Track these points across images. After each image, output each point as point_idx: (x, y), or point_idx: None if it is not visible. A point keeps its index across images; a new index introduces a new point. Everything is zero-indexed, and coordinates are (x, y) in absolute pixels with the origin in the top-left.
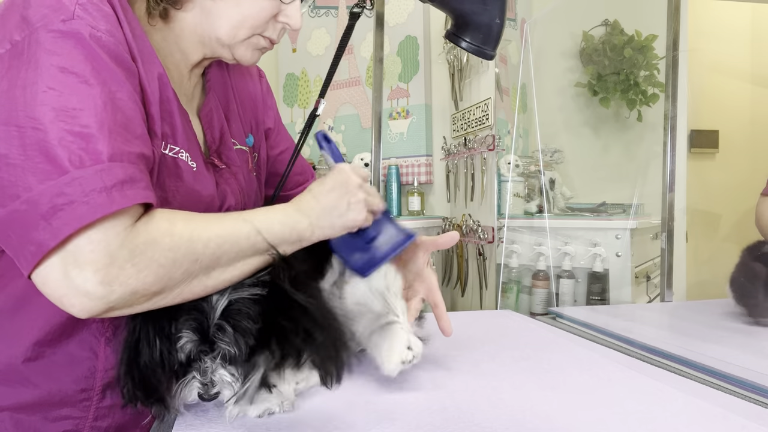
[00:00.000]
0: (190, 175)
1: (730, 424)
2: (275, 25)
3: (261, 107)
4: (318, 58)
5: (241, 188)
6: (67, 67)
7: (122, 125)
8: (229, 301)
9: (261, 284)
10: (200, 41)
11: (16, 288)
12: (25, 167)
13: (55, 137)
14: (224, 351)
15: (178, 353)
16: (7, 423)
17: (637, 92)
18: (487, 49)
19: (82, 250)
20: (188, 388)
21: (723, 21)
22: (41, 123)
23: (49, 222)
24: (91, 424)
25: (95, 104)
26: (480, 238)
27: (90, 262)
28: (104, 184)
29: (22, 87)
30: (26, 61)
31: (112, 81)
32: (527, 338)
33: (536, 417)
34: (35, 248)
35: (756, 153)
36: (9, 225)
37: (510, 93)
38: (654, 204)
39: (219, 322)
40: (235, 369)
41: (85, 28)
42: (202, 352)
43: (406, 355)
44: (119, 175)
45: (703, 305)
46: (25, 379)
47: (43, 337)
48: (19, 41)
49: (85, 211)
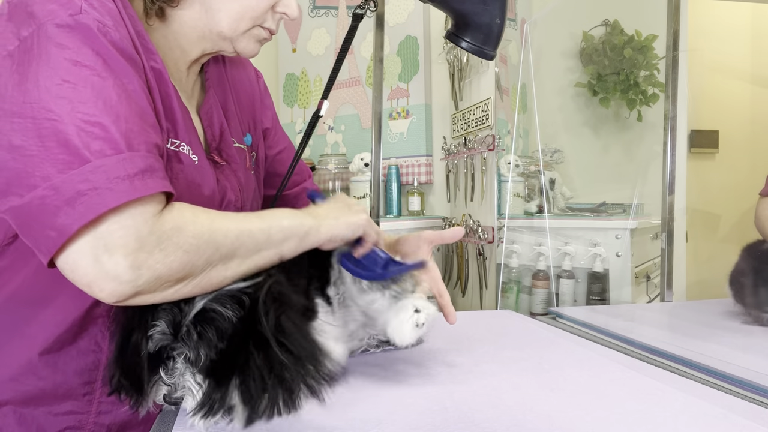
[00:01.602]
0: (191, 169)
1: (730, 424)
2: (274, 16)
3: (259, 107)
4: (318, 58)
5: (240, 185)
6: (80, 60)
7: (138, 115)
8: (203, 307)
9: (238, 300)
10: (201, 36)
11: (35, 281)
12: (44, 158)
13: (73, 129)
14: (186, 353)
15: (147, 341)
16: (10, 418)
17: (637, 92)
18: (488, 49)
19: (113, 235)
20: (157, 387)
21: (723, 21)
22: (58, 115)
23: (72, 207)
24: (94, 420)
25: (109, 96)
26: (480, 238)
27: (120, 247)
28: (127, 173)
29: (35, 81)
30: (36, 56)
31: (122, 73)
32: (527, 338)
33: (536, 417)
34: (57, 234)
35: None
36: (29, 213)
37: (510, 93)
38: (654, 204)
39: (189, 324)
40: (203, 379)
41: (93, 22)
42: (173, 349)
43: (417, 318)
44: (140, 164)
45: (703, 305)
46: (31, 371)
47: (63, 332)
48: (27, 37)
49: (110, 196)
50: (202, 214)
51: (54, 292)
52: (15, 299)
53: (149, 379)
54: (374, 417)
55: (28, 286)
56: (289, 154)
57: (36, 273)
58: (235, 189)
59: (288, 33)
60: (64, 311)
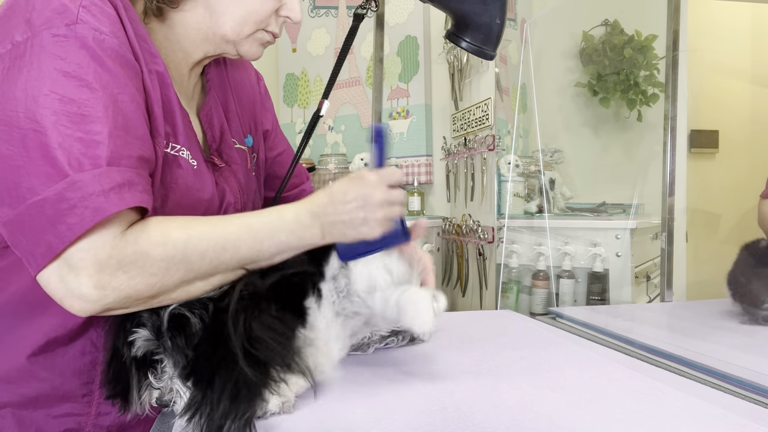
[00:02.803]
0: (190, 174)
1: (730, 424)
2: (277, 19)
3: (260, 109)
4: (318, 58)
5: (240, 186)
6: (70, 72)
7: (123, 128)
8: (173, 313)
9: (204, 306)
10: (204, 39)
11: (33, 284)
12: (29, 170)
13: (55, 141)
14: (169, 358)
15: (129, 347)
16: (9, 420)
17: (637, 92)
18: (488, 49)
19: (74, 257)
20: (150, 391)
21: (723, 21)
22: (42, 126)
23: (55, 226)
24: (93, 421)
25: (96, 108)
26: (480, 238)
27: (82, 269)
28: (102, 188)
29: (24, 89)
30: (28, 63)
31: (114, 84)
32: (527, 338)
33: (536, 417)
34: (45, 250)
35: (756, 153)
36: (19, 227)
37: (510, 93)
38: (654, 204)
39: (164, 331)
40: (191, 384)
41: (88, 32)
42: (157, 354)
43: (436, 307)
44: (116, 178)
45: (703, 305)
46: (29, 373)
47: (60, 334)
48: (21, 42)
49: (88, 215)
50: (177, 231)
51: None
52: (12, 302)
53: (140, 383)
54: (374, 417)
55: (26, 288)
56: (288, 157)
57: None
58: (234, 191)
59: (288, 33)
60: (64, 315)
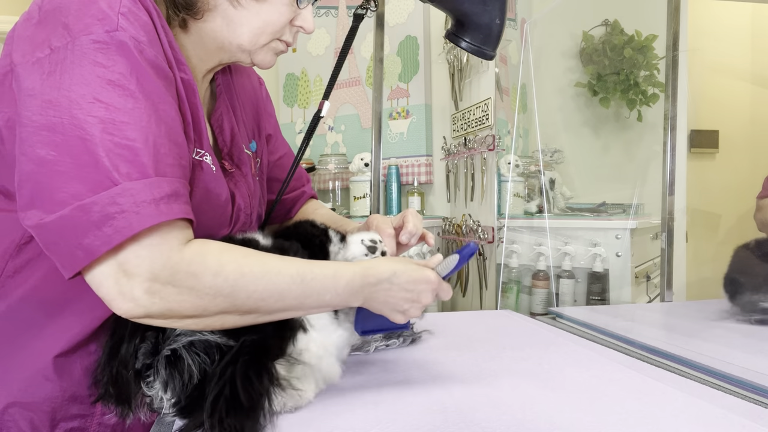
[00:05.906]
0: (211, 178)
1: (730, 424)
2: (291, 29)
3: (262, 114)
4: (318, 58)
5: (249, 191)
6: (114, 80)
7: (166, 137)
8: (175, 348)
9: (207, 351)
10: (220, 47)
11: (53, 281)
12: (74, 176)
13: (103, 149)
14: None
15: (136, 358)
16: (18, 418)
17: (637, 92)
18: (487, 49)
19: (130, 263)
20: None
21: (723, 21)
22: (89, 134)
23: (100, 229)
24: (99, 420)
25: (141, 118)
26: (480, 238)
27: (137, 275)
28: (153, 197)
29: (67, 96)
30: (69, 69)
31: (155, 93)
32: (527, 338)
33: (536, 417)
34: (84, 254)
35: (756, 153)
36: (58, 230)
37: (510, 93)
38: (654, 204)
39: (159, 360)
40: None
41: (129, 40)
42: (149, 368)
43: (364, 240)
44: (165, 189)
45: (703, 305)
46: (42, 373)
47: (81, 335)
48: (60, 48)
49: (135, 220)
50: (233, 266)
51: (72, 293)
52: (32, 299)
53: (136, 390)
54: (374, 417)
55: (46, 285)
56: (288, 160)
57: (55, 271)
58: (244, 196)
59: None
60: (85, 313)
